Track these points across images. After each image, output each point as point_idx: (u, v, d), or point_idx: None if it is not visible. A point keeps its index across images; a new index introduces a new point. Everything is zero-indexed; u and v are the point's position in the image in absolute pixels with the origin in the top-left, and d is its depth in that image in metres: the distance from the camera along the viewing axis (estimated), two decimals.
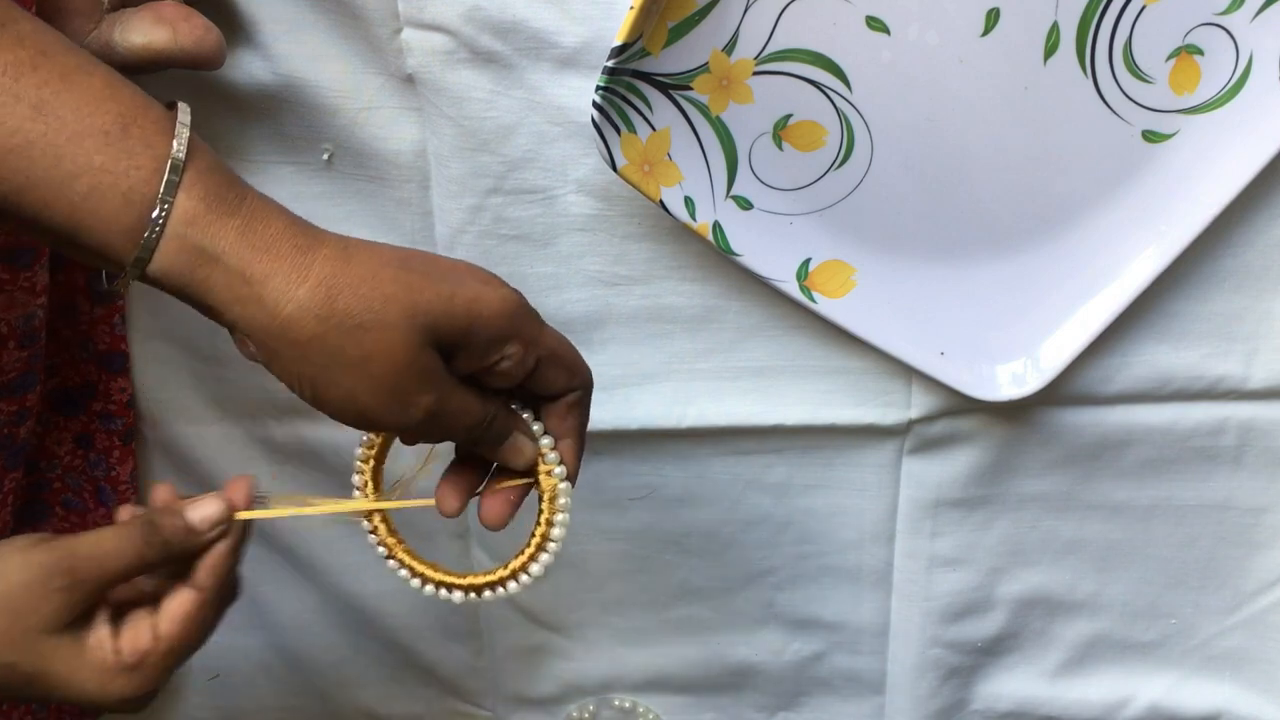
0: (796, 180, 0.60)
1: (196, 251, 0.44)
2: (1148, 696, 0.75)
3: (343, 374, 0.45)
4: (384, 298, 0.45)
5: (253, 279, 0.44)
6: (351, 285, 0.45)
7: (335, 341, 0.45)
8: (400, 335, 0.45)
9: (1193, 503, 0.70)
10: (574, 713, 0.79)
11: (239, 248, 0.44)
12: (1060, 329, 0.64)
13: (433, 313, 0.46)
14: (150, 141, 0.43)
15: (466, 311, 0.46)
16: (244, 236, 0.44)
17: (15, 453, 0.62)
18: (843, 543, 0.72)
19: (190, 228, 0.43)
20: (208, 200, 0.44)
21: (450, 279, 0.47)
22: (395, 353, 0.45)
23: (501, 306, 0.47)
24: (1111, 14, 0.56)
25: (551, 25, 0.57)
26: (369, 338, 0.45)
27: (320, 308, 0.44)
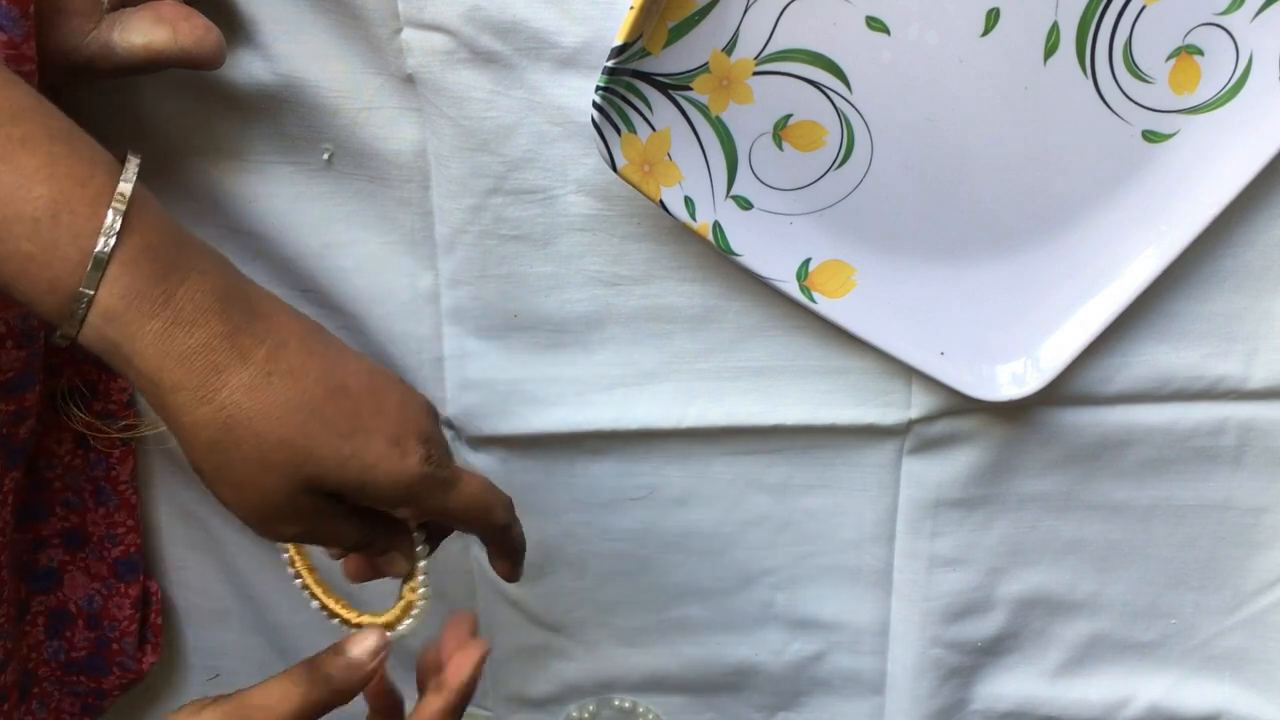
0: (796, 180, 0.60)
1: (112, 344, 0.43)
2: (1148, 696, 0.75)
3: (224, 486, 0.46)
4: (278, 442, 0.45)
5: (160, 385, 0.44)
6: (250, 421, 0.45)
7: (220, 460, 0.45)
8: (279, 478, 0.46)
9: (1193, 503, 0.70)
10: (574, 713, 0.79)
11: (153, 352, 0.43)
12: (1060, 329, 0.64)
13: (322, 468, 0.46)
14: (79, 231, 0.42)
15: (358, 476, 0.47)
16: (161, 342, 0.44)
17: (15, 452, 0.62)
18: (842, 543, 0.72)
19: (108, 324, 0.43)
20: (128, 298, 0.43)
21: (358, 438, 0.47)
22: (269, 491, 0.46)
23: (396, 480, 0.48)
24: (1111, 14, 0.56)
25: (551, 25, 0.57)
26: (250, 471, 0.46)
27: (215, 431, 0.45)
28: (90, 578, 0.71)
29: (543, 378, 0.67)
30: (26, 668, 0.71)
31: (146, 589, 0.72)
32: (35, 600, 0.70)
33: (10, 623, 0.67)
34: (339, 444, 0.46)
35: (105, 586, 0.71)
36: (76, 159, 0.43)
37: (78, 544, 0.70)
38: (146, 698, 0.78)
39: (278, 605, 0.75)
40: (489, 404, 0.68)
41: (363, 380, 0.48)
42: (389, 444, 0.47)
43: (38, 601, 0.70)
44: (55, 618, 0.71)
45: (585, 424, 0.68)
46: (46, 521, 0.69)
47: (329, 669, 0.50)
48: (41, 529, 0.69)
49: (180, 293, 0.44)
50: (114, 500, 0.69)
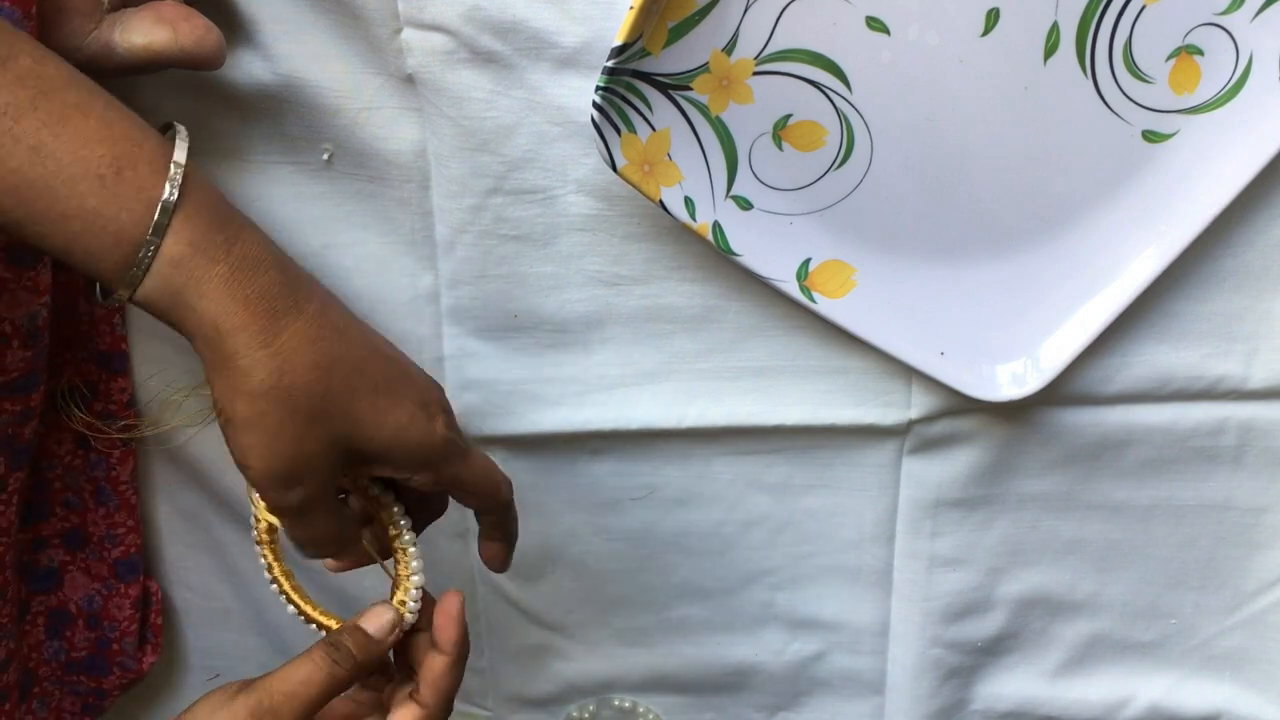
0: (796, 180, 0.60)
1: (176, 291, 0.45)
2: (1148, 696, 0.75)
3: (255, 432, 0.47)
4: (324, 392, 0.47)
5: (222, 329, 0.46)
6: (304, 370, 0.46)
7: (265, 406, 0.46)
8: (316, 429, 0.47)
9: (1193, 503, 0.70)
10: (574, 713, 0.79)
11: (219, 295, 0.45)
12: (1060, 329, 0.64)
13: (359, 424, 0.48)
14: (142, 185, 0.44)
15: (391, 435, 0.49)
16: (226, 286, 0.45)
17: (20, 452, 0.62)
18: (842, 543, 0.72)
19: (175, 269, 0.45)
20: (195, 244, 0.45)
21: (394, 399, 0.49)
22: (302, 442, 0.48)
23: (423, 441, 0.50)
24: (1111, 14, 0.56)
25: (551, 25, 0.57)
26: (288, 419, 0.47)
27: (269, 375, 0.46)
28: (90, 578, 0.71)
29: (543, 378, 0.67)
30: (27, 667, 0.71)
31: (146, 589, 0.72)
32: (35, 600, 0.70)
33: (12, 622, 0.67)
34: (377, 401, 0.48)
35: (105, 586, 0.71)
36: (130, 122, 0.45)
37: (78, 544, 0.70)
38: (146, 698, 0.78)
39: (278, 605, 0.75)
40: (489, 404, 0.68)
41: (391, 350, 0.50)
42: (419, 407, 0.50)
43: (38, 601, 0.70)
44: (55, 618, 0.71)
45: (585, 424, 0.68)
46: (47, 521, 0.69)
47: (349, 647, 0.52)
48: (42, 529, 0.69)
49: (240, 241, 0.46)
50: (114, 500, 0.69)
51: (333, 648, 0.52)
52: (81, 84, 0.45)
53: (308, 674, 0.51)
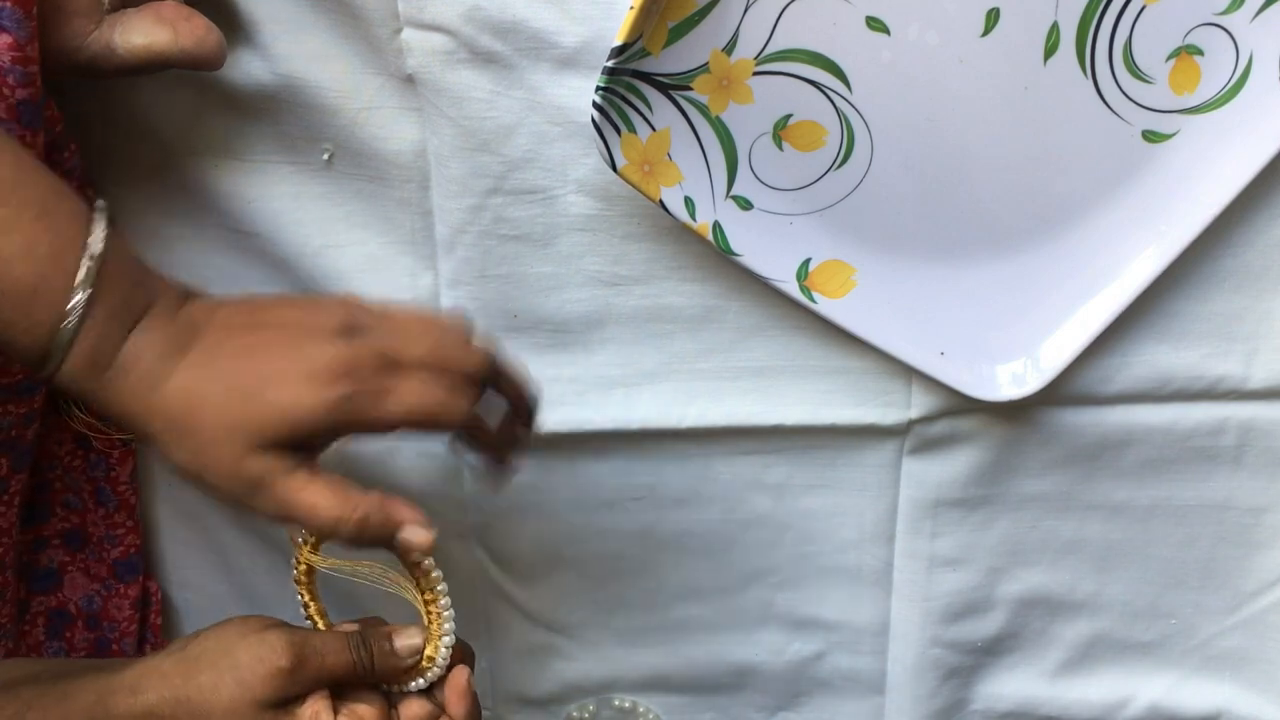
0: (796, 180, 0.60)
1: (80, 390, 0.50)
2: (1148, 696, 0.75)
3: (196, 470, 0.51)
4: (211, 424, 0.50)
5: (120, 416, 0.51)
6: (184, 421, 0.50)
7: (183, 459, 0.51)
8: (226, 451, 0.51)
9: (1193, 503, 0.70)
10: (574, 713, 0.79)
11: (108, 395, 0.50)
12: (1060, 329, 0.64)
13: (252, 426, 0.51)
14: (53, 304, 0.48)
15: (286, 417, 0.51)
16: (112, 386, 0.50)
17: (23, 454, 0.62)
18: (843, 543, 0.72)
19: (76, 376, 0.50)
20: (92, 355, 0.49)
21: (270, 388, 0.51)
22: (225, 465, 0.51)
23: (318, 405, 0.51)
24: (1111, 14, 0.56)
25: (551, 25, 0.57)
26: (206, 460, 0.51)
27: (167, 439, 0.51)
28: (90, 578, 0.71)
29: (543, 378, 0.67)
30: None
31: (146, 589, 0.72)
32: (35, 601, 0.70)
33: (11, 623, 0.67)
34: (254, 402, 0.51)
35: (105, 587, 0.71)
36: (53, 235, 0.48)
37: (78, 544, 0.70)
38: None
39: (278, 606, 0.75)
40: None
41: (272, 339, 0.52)
42: (300, 382, 0.51)
43: (38, 602, 0.70)
44: (55, 618, 0.71)
45: (585, 424, 0.68)
46: (47, 522, 0.69)
47: (376, 653, 0.55)
48: (42, 529, 0.69)
49: (128, 343, 0.50)
50: (114, 501, 0.69)
51: (362, 644, 0.54)
52: (15, 189, 0.48)
53: (338, 651, 0.54)
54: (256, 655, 0.53)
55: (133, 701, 0.53)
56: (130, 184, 0.64)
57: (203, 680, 0.52)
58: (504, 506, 0.71)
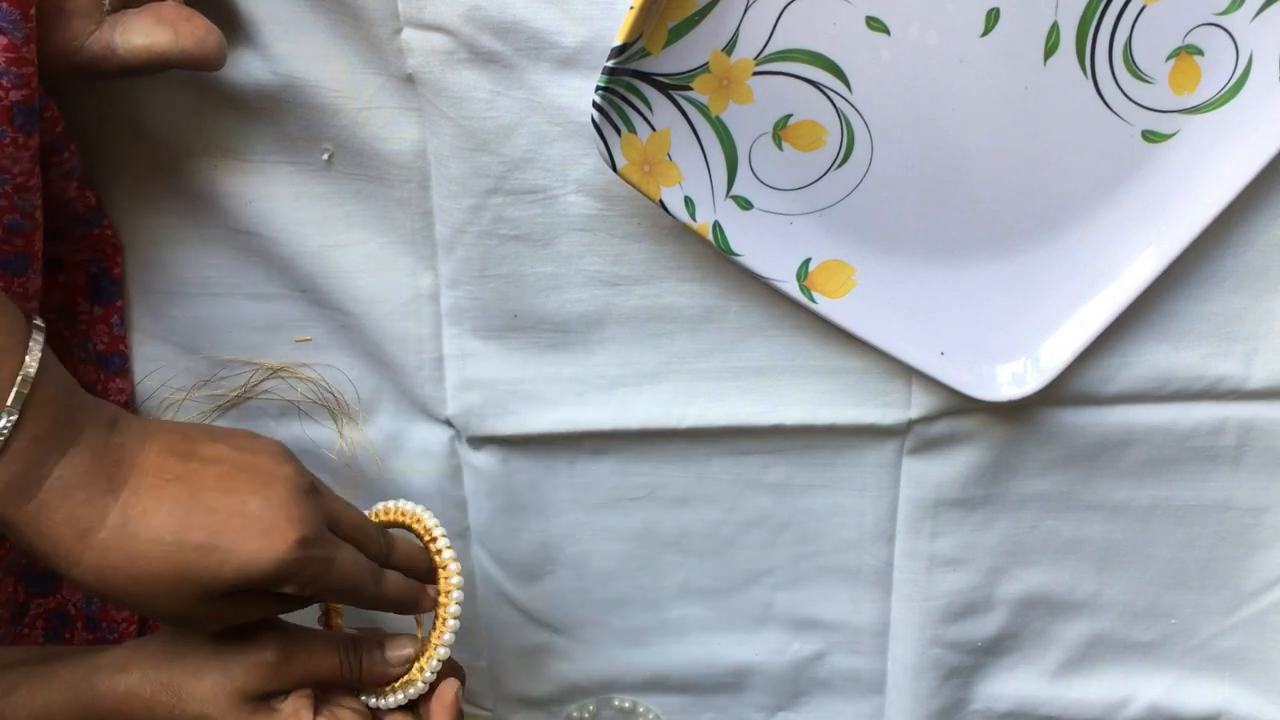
0: (796, 180, 0.60)
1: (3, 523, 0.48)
2: (1148, 696, 0.75)
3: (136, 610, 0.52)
4: (153, 577, 0.49)
5: (43, 555, 0.49)
6: (123, 570, 0.49)
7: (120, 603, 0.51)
8: (168, 603, 0.50)
9: (1193, 503, 0.70)
10: (574, 713, 0.79)
11: (30, 530, 0.48)
12: (1060, 329, 0.64)
13: (201, 582, 0.50)
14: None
15: (234, 578, 0.50)
16: (34, 520, 0.48)
17: None
18: (843, 543, 0.72)
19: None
20: (13, 484, 0.47)
21: (223, 547, 0.50)
22: (171, 613, 0.50)
23: (270, 569, 0.51)
24: (1111, 14, 0.56)
25: (551, 25, 0.57)
26: (147, 606, 0.50)
27: (99, 587, 0.49)
28: None
29: (543, 378, 0.67)
30: None
31: None
32: (34, 603, 0.70)
33: (8, 624, 0.67)
34: (206, 558, 0.50)
35: None
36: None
37: None
38: None
39: None
40: (489, 404, 0.68)
41: (220, 484, 0.51)
42: (257, 539, 0.50)
43: (36, 604, 0.70)
44: (54, 620, 0.71)
45: (585, 424, 0.68)
46: None
47: (365, 659, 0.55)
48: None
49: (54, 474, 0.48)
50: None
51: (352, 647, 0.55)
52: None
53: (323, 651, 0.55)
54: (243, 646, 0.53)
55: (115, 680, 0.53)
56: (130, 184, 0.64)
57: (187, 664, 0.53)
58: (504, 506, 0.71)
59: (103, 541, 0.48)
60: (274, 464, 0.52)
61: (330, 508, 0.55)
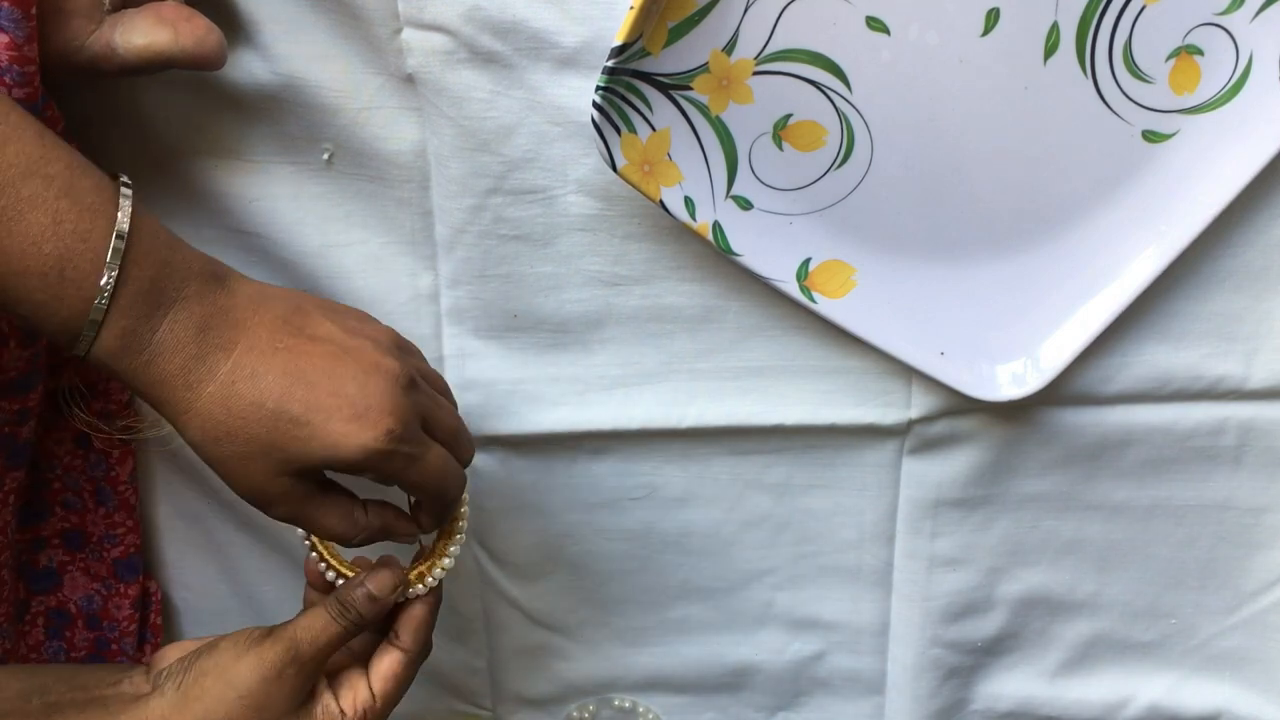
0: (796, 180, 0.60)
1: (112, 370, 0.50)
2: (1148, 696, 0.75)
3: (221, 472, 0.52)
4: (247, 439, 0.51)
5: (150, 400, 0.51)
6: (222, 424, 0.51)
7: (211, 454, 0.52)
8: (259, 466, 0.51)
9: (1193, 503, 0.70)
10: (574, 713, 0.79)
11: (142, 378, 0.50)
12: (1060, 329, 0.64)
13: (289, 453, 0.51)
14: (80, 284, 0.48)
15: (322, 455, 0.52)
16: (147, 370, 0.50)
17: (17, 452, 0.62)
18: (842, 543, 0.72)
19: (108, 358, 0.49)
20: (122, 338, 0.49)
21: (316, 423, 0.51)
22: (255, 476, 0.52)
23: (356, 454, 0.52)
24: (1111, 14, 0.56)
25: (551, 25, 0.57)
26: (235, 462, 0.52)
27: (197, 434, 0.51)
28: (90, 578, 0.71)
29: (543, 378, 0.67)
30: None
31: (146, 589, 0.72)
32: (35, 601, 0.70)
33: (9, 622, 0.67)
34: (299, 430, 0.51)
35: (105, 587, 0.71)
36: (79, 211, 0.48)
37: (77, 544, 0.70)
38: None
39: (278, 605, 0.75)
40: (489, 404, 0.68)
41: (323, 364, 0.52)
42: (348, 421, 0.51)
43: (37, 602, 0.70)
44: (55, 618, 0.71)
45: (585, 424, 0.68)
46: (46, 522, 0.69)
47: (357, 604, 0.56)
48: (41, 529, 0.69)
49: (163, 327, 0.50)
50: (113, 501, 0.69)
51: (343, 607, 0.56)
52: (40, 166, 0.47)
53: (325, 628, 0.55)
54: (261, 676, 0.54)
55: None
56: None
57: (216, 718, 0.53)
58: (504, 506, 0.71)
59: (210, 395, 0.50)
60: (378, 354, 0.53)
61: (427, 406, 0.55)
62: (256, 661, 0.54)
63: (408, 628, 0.58)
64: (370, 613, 0.56)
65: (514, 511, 0.71)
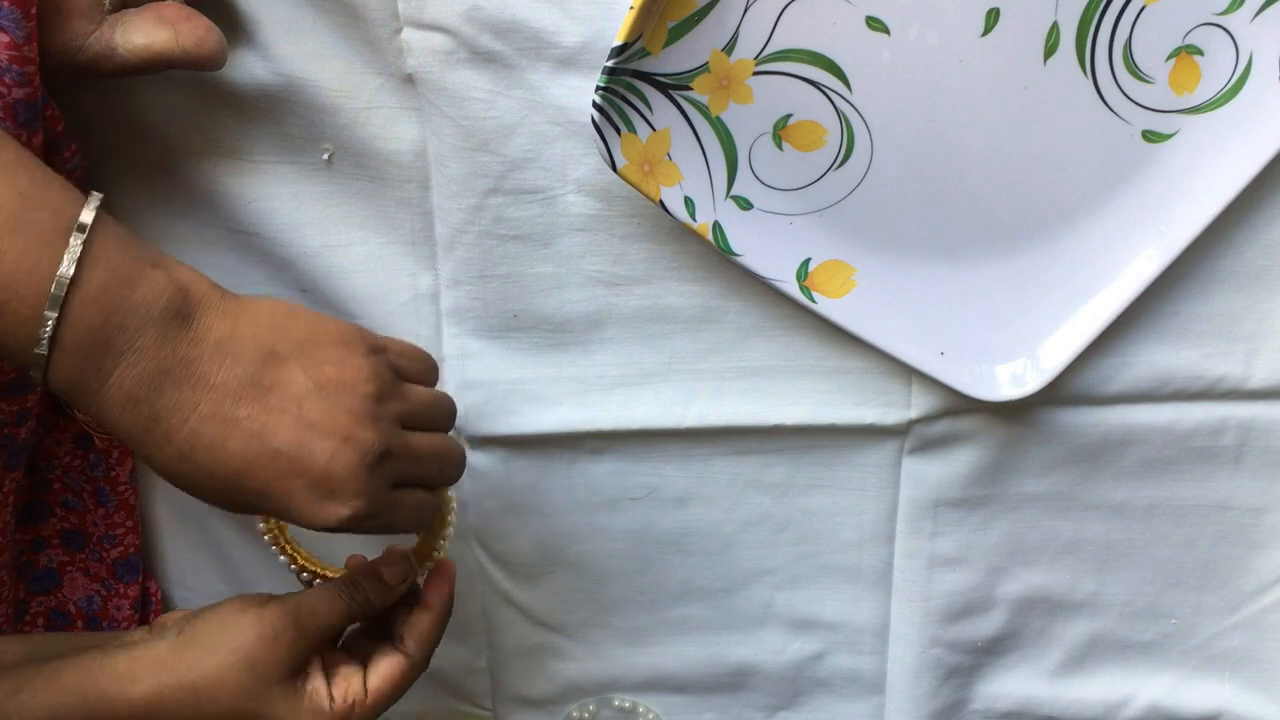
0: (796, 180, 0.60)
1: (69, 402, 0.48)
2: (1148, 696, 0.75)
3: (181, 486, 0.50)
4: (212, 497, 0.50)
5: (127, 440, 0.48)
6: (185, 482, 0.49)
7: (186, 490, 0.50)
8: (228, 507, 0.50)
9: (1193, 503, 0.70)
10: (574, 713, 0.79)
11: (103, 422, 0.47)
12: (1060, 329, 0.64)
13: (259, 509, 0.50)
14: (24, 324, 0.45)
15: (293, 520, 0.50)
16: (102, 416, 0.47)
17: (15, 453, 0.62)
18: (842, 542, 0.72)
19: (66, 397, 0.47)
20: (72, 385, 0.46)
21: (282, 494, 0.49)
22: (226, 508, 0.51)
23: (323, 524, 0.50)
24: (1111, 14, 0.56)
25: (551, 25, 0.57)
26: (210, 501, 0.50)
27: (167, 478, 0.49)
28: (89, 578, 0.71)
29: (543, 378, 0.67)
30: None
31: (145, 589, 0.72)
32: (35, 601, 0.70)
33: (8, 622, 0.67)
34: (262, 502, 0.50)
35: (104, 587, 0.71)
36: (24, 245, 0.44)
37: (77, 545, 0.70)
38: None
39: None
40: (489, 404, 0.68)
41: (290, 434, 0.49)
42: (315, 501, 0.49)
43: (37, 602, 0.70)
44: (55, 618, 0.71)
45: (585, 424, 0.68)
46: (46, 522, 0.69)
47: (366, 588, 0.56)
48: (41, 529, 0.69)
49: (114, 378, 0.46)
50: (113, 501, 0.69)
51: (353, 587, 0.56)
52: None
53: (330, 604, 0.55)
54: (258, 633, 0.53)
55: (128, 691, 0.53)
56: (130, 184, 0.64)
57: (207, 665, 0.53)
58: (504, 506, 0.71)
59: (169, 456, 0.48)
60: (350, 421, 0.49)
61: (402, 470, 0.52)
62: (256, 620, 0.54)
63: (414, 635, 0.58)
64: (377, 596, 0.56)
65: (514, 511, 0.71)
